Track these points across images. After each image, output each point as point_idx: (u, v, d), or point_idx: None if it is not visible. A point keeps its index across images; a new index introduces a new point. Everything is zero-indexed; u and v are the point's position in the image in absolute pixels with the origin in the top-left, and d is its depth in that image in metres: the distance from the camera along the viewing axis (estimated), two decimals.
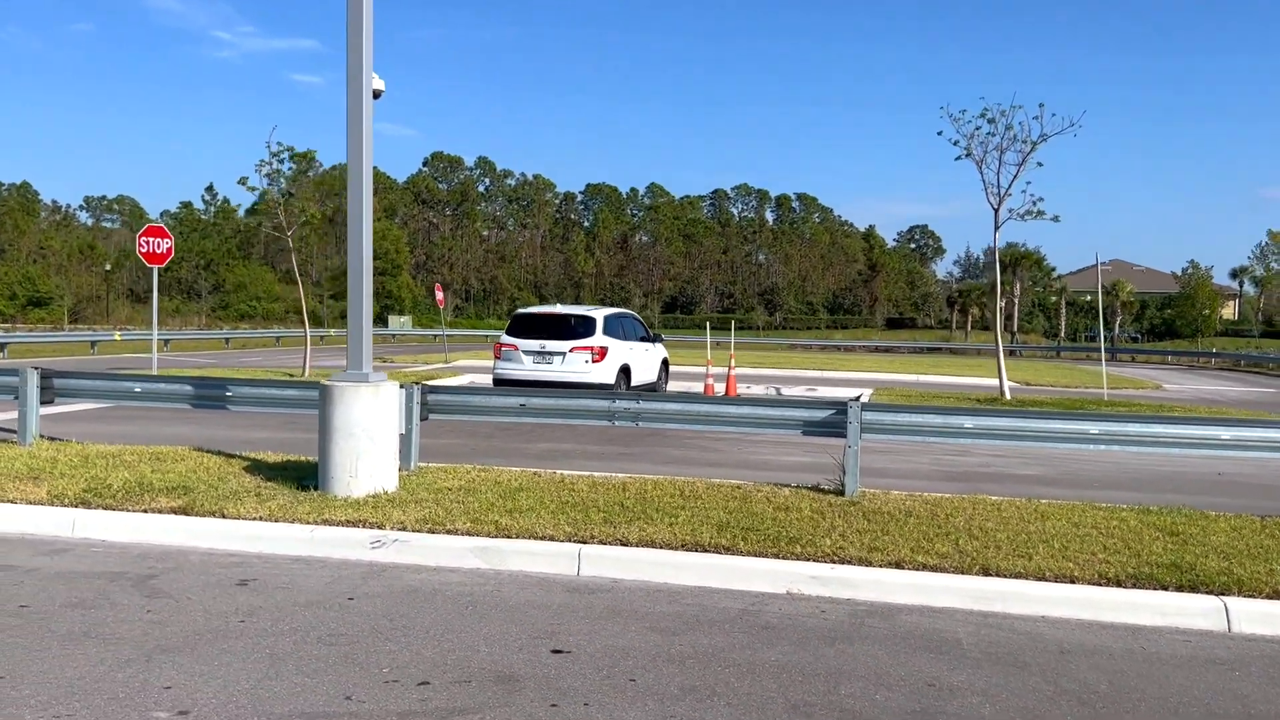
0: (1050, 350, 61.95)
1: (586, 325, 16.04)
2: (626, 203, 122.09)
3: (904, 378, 28.71)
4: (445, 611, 5.85)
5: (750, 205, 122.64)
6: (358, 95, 8.41)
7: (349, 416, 8.19)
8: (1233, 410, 19.98)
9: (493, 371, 16.33)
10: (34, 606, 5.75)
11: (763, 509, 8.00)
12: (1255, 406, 22.50)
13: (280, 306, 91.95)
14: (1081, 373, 35.56)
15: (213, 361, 32.39)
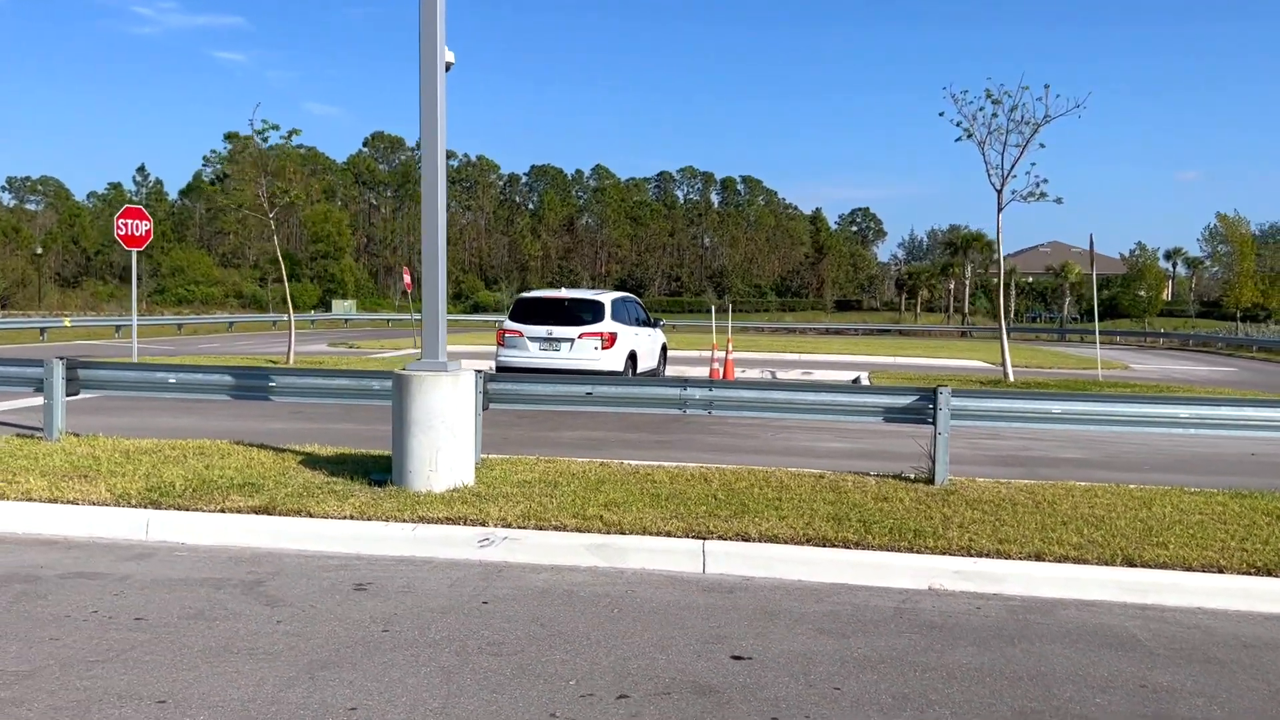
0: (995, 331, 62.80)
1: (595, 310, 15.56)
2: (572, 185, 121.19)
3: (890, 360, 28.76)
4: (592, 615, 5.54)
5: (696, 188, 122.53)
6: (431, 75, 7.97)
7: (428, 407, 7.79)
8: (1232, 390, 20.26)
9: (495, 359, 15.71)
10: (150, 619, 5.32)
11: (861, 499, 7.78)
12: (1238, 386, 22.90)
13: (219, 291, 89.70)
14: (1047, 354, 36.03)
15: (171, 349, 31.35)
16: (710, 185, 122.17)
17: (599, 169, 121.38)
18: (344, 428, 12.43)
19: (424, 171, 8.13)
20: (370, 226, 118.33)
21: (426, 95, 8.01)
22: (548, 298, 16.09)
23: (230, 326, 46.70)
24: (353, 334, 47.41)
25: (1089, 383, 19.98)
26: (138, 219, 18.57)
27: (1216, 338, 47.19)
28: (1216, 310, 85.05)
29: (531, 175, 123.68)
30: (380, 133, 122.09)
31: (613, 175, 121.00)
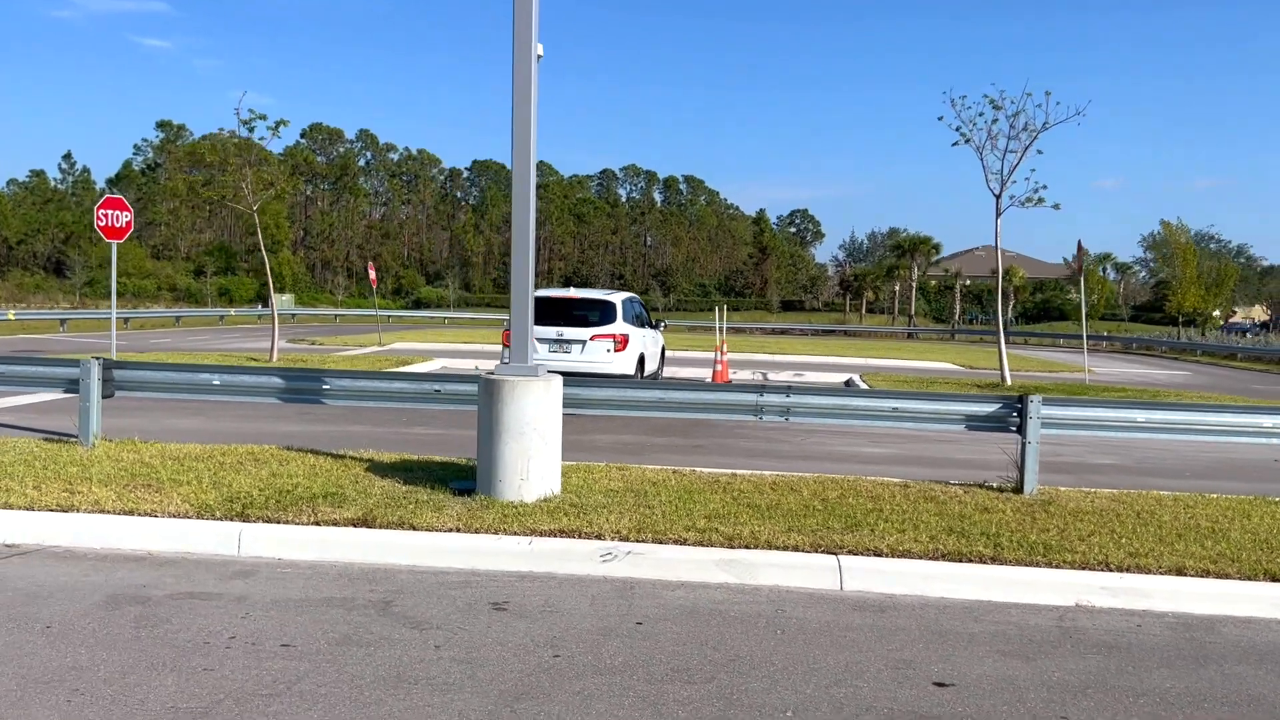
0: (945, 333, 63.74)
1: (606, 311, 15.09)
2: None
3: (873, 362, 28.84)
4: (758, 637, 5.29)
5: (639, 186, 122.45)
6: (525, 69, 7.63)
7: (520, 414, 7.46)
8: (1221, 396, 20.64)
9: (501, 360, 15.15)
10: (298, 645, 4.94)
11: (963, 511, 7.64)
12: (1202, 389, 23.36)
13: (152, 284, 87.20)
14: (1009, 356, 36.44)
15: (125, 344, 30.17)
16: (653, 184, 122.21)
17: (542, 165, 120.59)
18: (357, 429, 11.99)
19: (515, 173, 7.80)
20: (307, 219, 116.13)
21: (520, 98, 7.67)
22: (557, 297, 15.50)
23: (178, 321, 45.28)
24: (304, 329, 46.33)
25: (1074, 386, 20.17)
26: (119, 209, 17.79)
27: (1160, 342, 48.36)
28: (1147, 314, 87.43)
29: (473, 170, 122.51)
30: (319, 124, 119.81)
31: (556, 172, 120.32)
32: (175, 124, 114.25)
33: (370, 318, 63.21)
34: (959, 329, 65.01)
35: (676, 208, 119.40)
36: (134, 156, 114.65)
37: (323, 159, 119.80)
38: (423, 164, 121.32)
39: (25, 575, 5.92)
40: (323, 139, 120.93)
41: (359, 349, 29.40)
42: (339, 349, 29.45)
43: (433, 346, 30.61)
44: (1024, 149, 18.60)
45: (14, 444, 8.98)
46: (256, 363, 20.06)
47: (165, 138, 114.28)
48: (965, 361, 30.69)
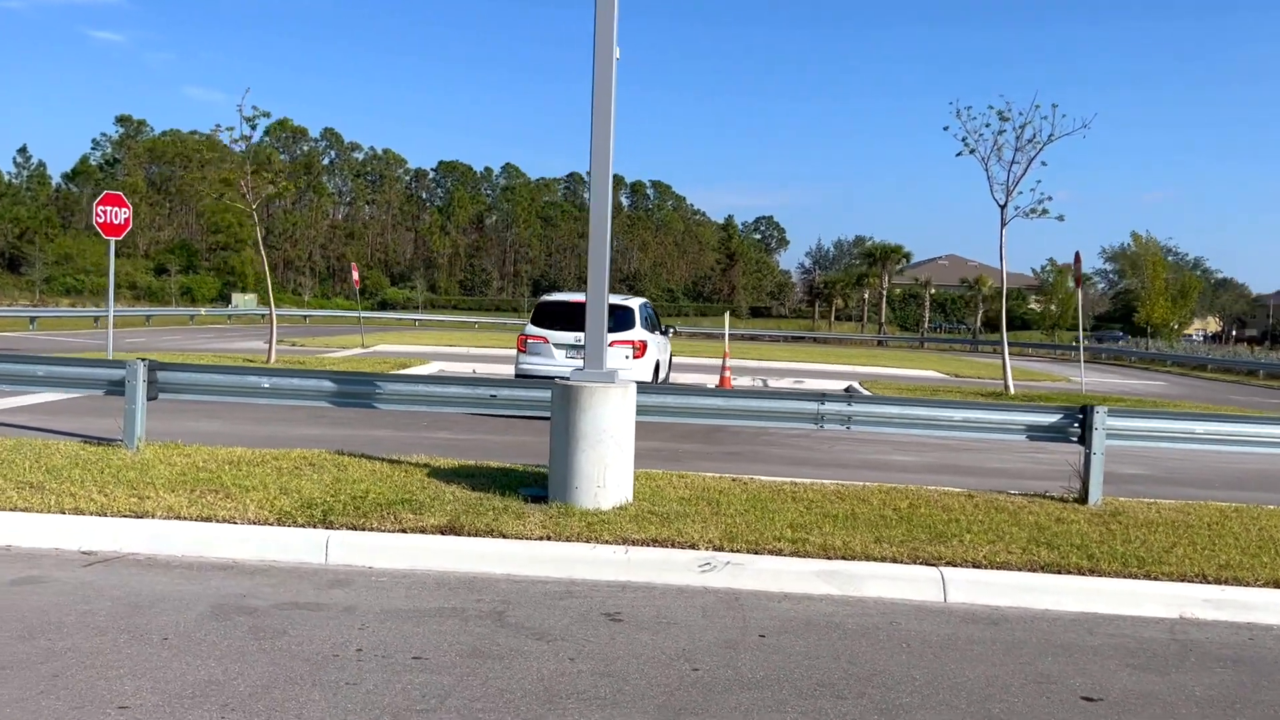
0: (914, 340, 64.31)
1: (625, 317, 14.75)
2: (481, 182, 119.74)
3: (854, 369, 28.93)
4: (885, 651, 5.23)
5: None
6: (606, 72, 7.53)
7: (597, 421, 7.36)
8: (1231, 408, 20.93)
9: (516, 366, 14.74)
10: (430, 658, 4.81)
11: (1039, 521, 7.65)
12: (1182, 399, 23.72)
13: None
14: (982, 365, 36.85)
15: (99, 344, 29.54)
16: (620, 188, 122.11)
17: (509, 167, 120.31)
18: (380, 434, 11.83)
19: (593, 175, 7.71)
20: (270, 218, 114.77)
21: (600, 94, 7.57)
22: (574, 302, 15.12)
23: (148, 320, 44.45)
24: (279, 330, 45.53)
25: (1079, 395, 20.35)
26: (117, 205, 17.41)
27: (1129, 352, 49.13)
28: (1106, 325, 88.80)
29: (439, 171, 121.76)
30: (285, 120, 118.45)
31: (523, 174, 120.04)
32: (135, 119, 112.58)
33: (340, 318, 62.54)
34: (928, 337, 65.59)
35: (644, 212, 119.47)
36: (92, 151, 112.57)
37: (286, 157, 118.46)
38: (388, 163, 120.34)
39: (117, 584, 5.73)
40: (286, 137, 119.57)
41: (343, 351, 29.02)
42: (323, 350, 29.06)
43: (419, 349, 30.31)
44: (1029, 161, 18.80)
45: (56, 447, 8.72)
46: (253, 364, 19.72)
47: (125, 133, 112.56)
48: (949, 370, 30.94)
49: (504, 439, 11.89)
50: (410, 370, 19.97)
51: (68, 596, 5.46)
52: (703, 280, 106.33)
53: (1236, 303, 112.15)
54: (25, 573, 5.84)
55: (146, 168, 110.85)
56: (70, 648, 4.69)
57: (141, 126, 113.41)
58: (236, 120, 21.29)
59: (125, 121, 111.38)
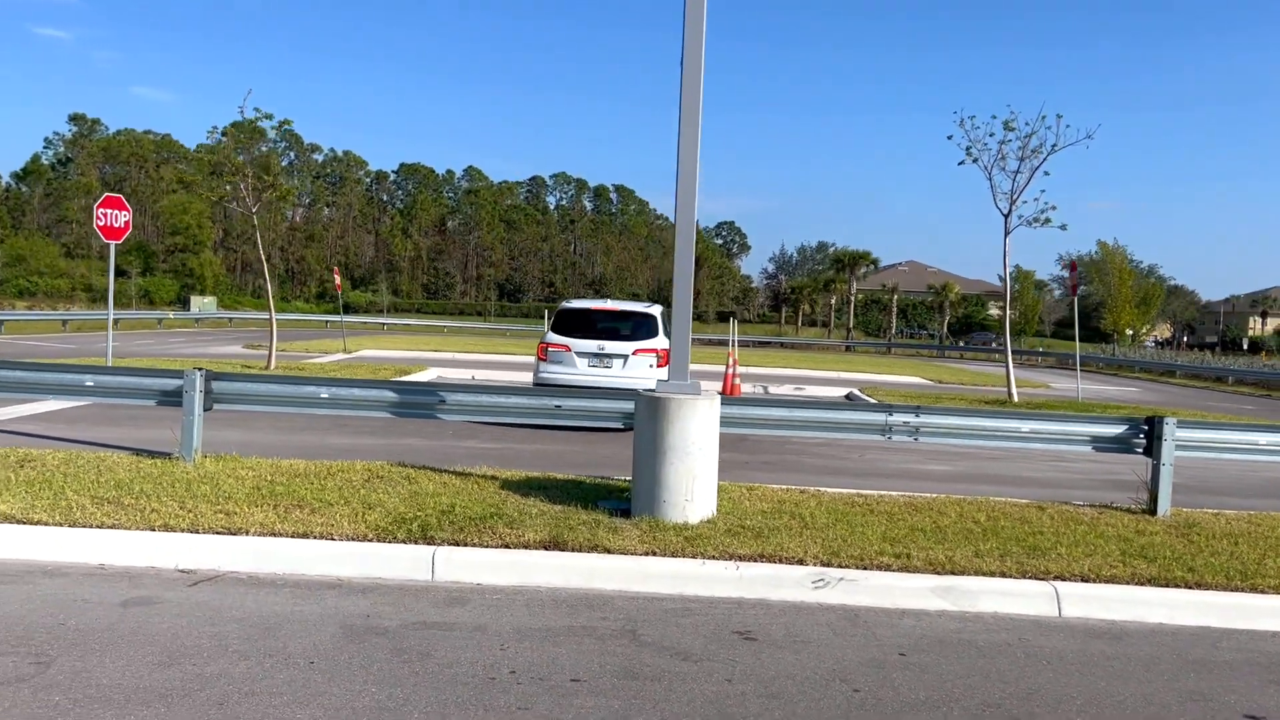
0: (882, 346, 64.79)
1: (648, 325, 14.55)
2: (443, 184, 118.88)
3: (843, 375, 29.02)
4: (1030, 668, 5.22)
5: (568, 194, 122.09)
6: (694, 78, 7.47)
7: (685, 433, 7.29)
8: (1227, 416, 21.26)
9: (536, 374, 14.30)
10: (587, 680, 4.72)
11: (1118, 533, 7.70)
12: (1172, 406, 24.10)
13: (66, 283, 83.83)
14: (961, 371, 37.20)
15: (73, 348, 28.98)
16: (583, 192, 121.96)
17: (471, 170, 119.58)
18: (413, 442, 11.68)
19: (680, 181, 7.63)
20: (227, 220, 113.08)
21: (689, 101, 7.50)
22: (597, 309, 14.95)
23: (116, 324, 43.46)
24: (248, 334, 44.96)
25: (1078, 404, 20.60)
26: (117, 209, 17.04)
27: (1095, 358, 49.86)
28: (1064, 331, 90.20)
29: (401, 173, 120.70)
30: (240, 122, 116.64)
31: (485, 177, 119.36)
32: (90, 118, 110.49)
33: (306, 322, 61.75)
34: (894, 343, 66.12)
35: (607, 216, 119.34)
36: (44, 150, 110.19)
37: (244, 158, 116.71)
38: (348, 165, 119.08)
39: (234, 605, 5.56)
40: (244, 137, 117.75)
41: (326, 356, 28.60)
42: (305, 355, 28.61)
43: (406, 354, 29.98)
44: (1033, 170, 19.01)
45: (108, 460, 8.48)
46: (252, 370, 19.40)
47: (78, 132, 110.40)
48: (932, 376, 31.17)
49: (533, 448, 11.78)
50: (410, 378, 19.75)
51: (188, 619, 5.28)
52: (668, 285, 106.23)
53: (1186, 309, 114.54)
54: (132, 593, 5.66)
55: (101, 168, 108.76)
56: (219, 673, 4.54)
57: (95, 125, 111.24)
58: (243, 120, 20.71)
59: (79, 120, 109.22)
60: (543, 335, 14.91)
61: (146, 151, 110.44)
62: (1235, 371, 39.99)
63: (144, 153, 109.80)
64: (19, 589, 5.63)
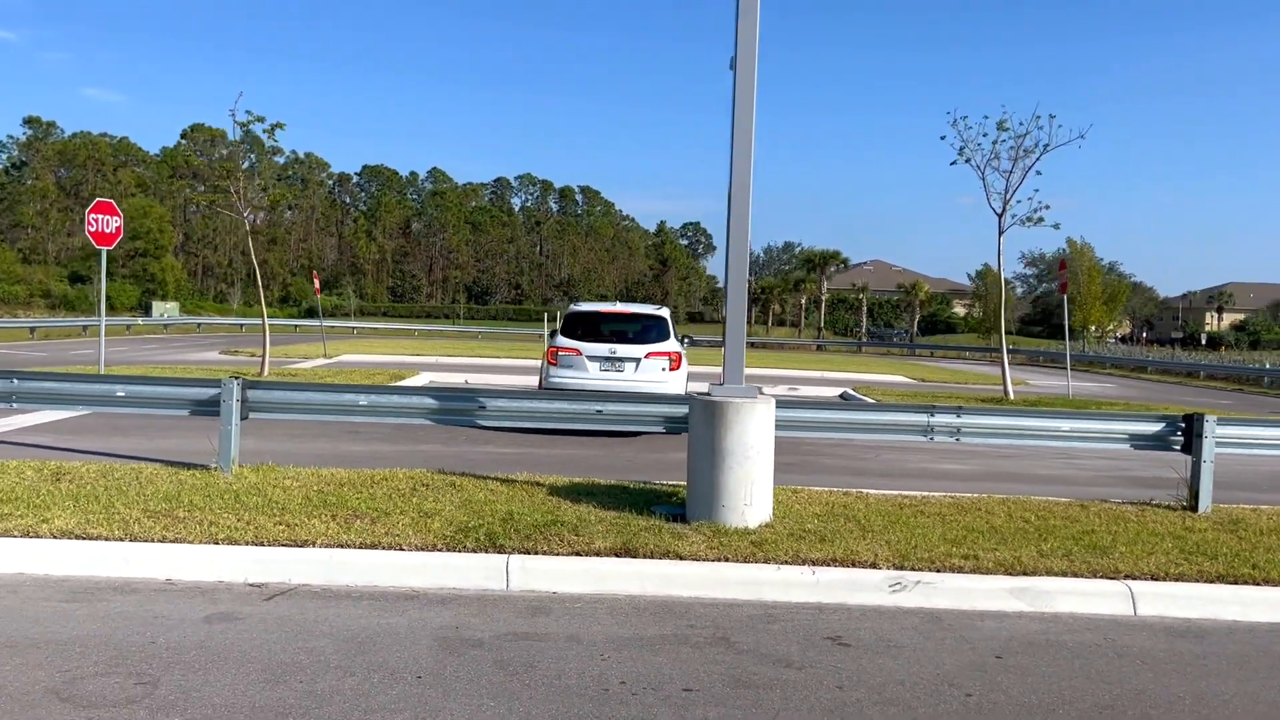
0: (853, 345, 65.24)
1: (659, 327, 14.34)
2: (406, 186, 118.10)
3: (826, 374, 29.14)
4: (1126, 669, 5.24)
5: (534, 195, 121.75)
6: (749, 78, 7.45)
7: (743, 437, 7.26)
8: None
9: (546, 379, 13.92)
10: (701, 690, 4.68)
11: (1169, 530, 7.77)
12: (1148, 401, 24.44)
13: (24, 290, 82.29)
14: (941, 370, 37.51)
15: (45, 355, 28.40)
16: (549, 193, 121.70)
17: (435, 172, 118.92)
18: (429, 449, 11.58)
19: (734, 182, 7.59)
20: (188, 223, 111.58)
21: (742, 102, 7.47)
22: (607, 312, 14.69)
23: (84, 331, 42.68)
24: (220, 339, 44.38)
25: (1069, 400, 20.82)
26: (109, 214, 16.71)
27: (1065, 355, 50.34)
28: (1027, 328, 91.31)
29: (363, 175, 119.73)
30: (200, 124, 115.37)
31: (449, 179, 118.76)
32: (45, 121, 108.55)
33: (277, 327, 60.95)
34: (865, 341, 66.59)
35: (573, 218, 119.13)
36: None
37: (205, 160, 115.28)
38: (310, 168, 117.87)
39: (319, 619, 5.45)
40: (204, 140, 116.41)
41: (308, 361, 28.23)
42: (284, 361, 28.18)
43: (389, 359, 29.72)
44: (1026, 170, 19.20)
45: (148, 472, 8.30)
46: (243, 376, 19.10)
47: (33, 135, 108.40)
48: (915, 375, 31.42)
49: (552, 452, 11.68)
50: (412, 384, 19.58)
51: (277, 634, 5.17)
52: (635, 286, 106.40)
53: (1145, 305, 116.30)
54: (211, 609, 5.53)
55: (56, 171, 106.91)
56: (330, 690, 4.45)
57: (51, 128, 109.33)
58: (229, 125, 20.41)
59: (34, 123, 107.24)
60: (551, 339, 14.73)
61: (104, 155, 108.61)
62: (1206, 366, 40.67)
63: (101, 156, 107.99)
64: (94, 607, 5.49)
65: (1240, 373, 38.77)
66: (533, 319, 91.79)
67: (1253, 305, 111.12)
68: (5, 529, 6.30)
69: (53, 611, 5.38)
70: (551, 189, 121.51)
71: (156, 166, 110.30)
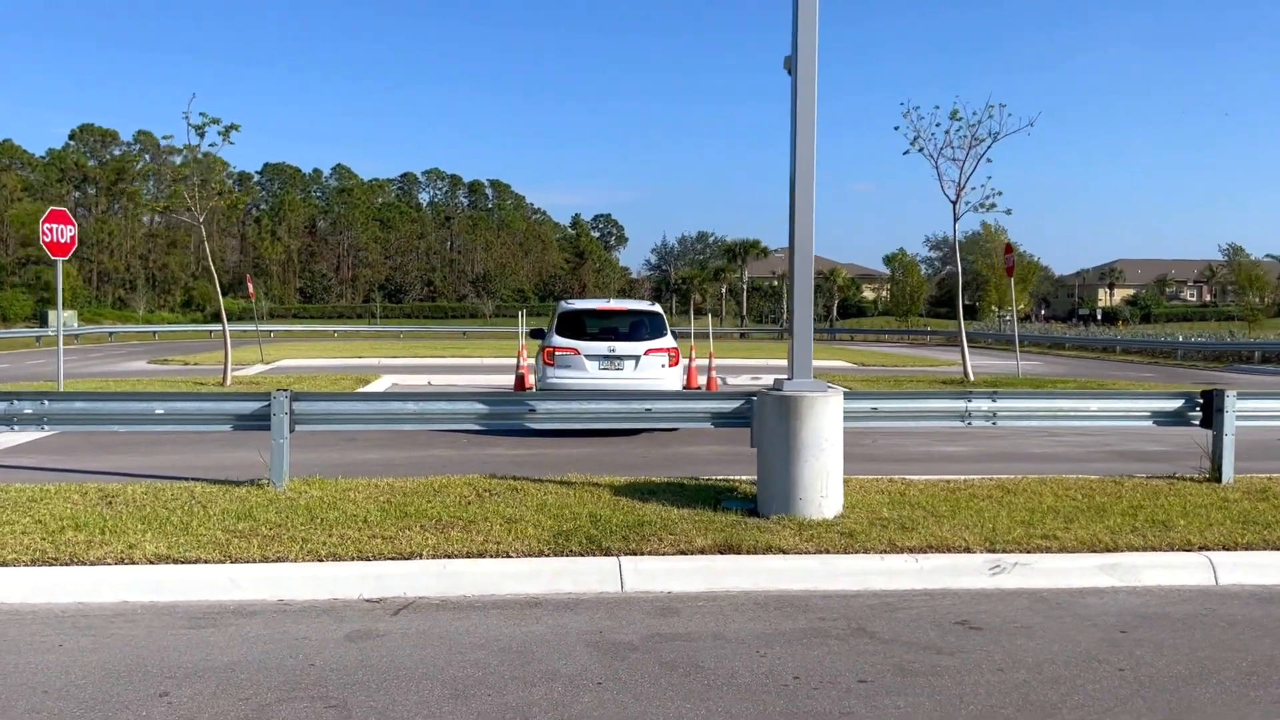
0: (775, 333, 66.16)
1: (655, 323, 14.05)
2: (310, 184, 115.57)
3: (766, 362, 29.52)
4: (1247, 635, 5.52)
5: (443, 190, 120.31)
6: (809, 83, 7.57)
7: (818, 431, 7.40)
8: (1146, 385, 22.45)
9: (543, 380, 13.61)
10: (874, 681, 4.79)
11: (1210, 501, 8.16)
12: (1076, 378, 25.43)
13: None
14: (877, 354, 38.31)
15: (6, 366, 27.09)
16: (458, 187, 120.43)
17: (340, 169, 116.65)
18: (439, 453, 11.53)
19: (797, 183, 7.70)
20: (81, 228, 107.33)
21: (803, 103, 7.59)
22: (603, 310, 14.47)
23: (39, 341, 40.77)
24: (140, 347, 42.95)
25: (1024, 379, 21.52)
26: (63, 223, 16.12)
27: (984, 334, 52.03)
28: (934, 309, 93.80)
29: (265, 174, 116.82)
30: (89, 125, 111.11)
31: (355, 175, 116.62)
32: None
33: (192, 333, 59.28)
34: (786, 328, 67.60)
35: (484, 212, 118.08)
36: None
37: (95, 162, 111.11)
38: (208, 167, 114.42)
39: (459, 631, 5.41)
40: (94, 141, 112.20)
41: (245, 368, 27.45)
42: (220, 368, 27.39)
43: (331, 363, 29.17)
44: (978, 158, 19.78)
45: (198, 490, 8.07)
46: (204, 388, 18.63)
47: None
48: (854, 360, 32.10)
49: (560, 452, 11.68)
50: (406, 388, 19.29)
51: (429, 648, 5.12)
52: (552, 279, 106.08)
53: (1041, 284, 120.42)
54: (346, 627, 5.45)
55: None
56: (525, 701, 4.44)
57: None
58: (183, 128, 19.84)
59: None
60: (542, 339, 14.60)
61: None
62: (1122, 341, 42.37)
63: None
64: (224, 632, 5.36)
65: (1154, 346, 40.51)
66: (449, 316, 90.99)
67: (1141, 281, 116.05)
68: (99, 556, 6.10)
69: (187, 639, 5.23)
70: (460, 183, 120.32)
71: (44, 169, 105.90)
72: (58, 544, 6.36)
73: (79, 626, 5.42)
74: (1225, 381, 24.96)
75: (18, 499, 7.63)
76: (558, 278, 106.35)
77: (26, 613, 5.64)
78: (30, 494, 7.82)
